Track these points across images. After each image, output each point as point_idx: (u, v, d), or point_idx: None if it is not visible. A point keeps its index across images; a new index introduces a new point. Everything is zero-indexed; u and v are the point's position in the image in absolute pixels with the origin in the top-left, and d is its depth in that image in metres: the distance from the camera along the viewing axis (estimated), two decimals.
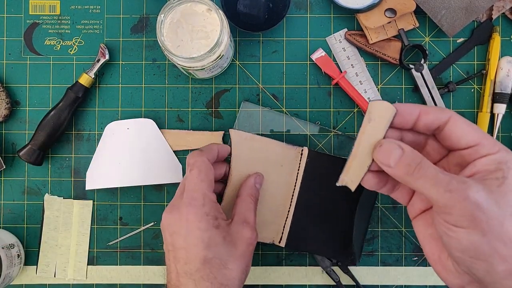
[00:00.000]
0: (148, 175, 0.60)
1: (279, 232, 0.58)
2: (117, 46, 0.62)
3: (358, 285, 0.60)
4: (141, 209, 0.62)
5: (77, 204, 0.62)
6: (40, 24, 0.62)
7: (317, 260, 0.60)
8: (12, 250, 0.58)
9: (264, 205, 0.57)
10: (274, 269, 0.61)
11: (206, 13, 0.53)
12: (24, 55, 0.62)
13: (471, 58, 0.62)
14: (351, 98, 0.60)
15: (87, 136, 0.62)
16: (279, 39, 0.62)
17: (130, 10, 0.62)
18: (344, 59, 0.61)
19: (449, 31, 0.60)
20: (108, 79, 0.62)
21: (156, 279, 0.62)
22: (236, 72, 0.62)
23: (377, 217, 0.61)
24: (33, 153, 0.59)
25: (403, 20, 0.60)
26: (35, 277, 0.62)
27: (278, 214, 0.57)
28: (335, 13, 0.62)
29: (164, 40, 0.53)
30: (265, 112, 0.61)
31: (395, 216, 0.61)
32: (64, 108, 0.59)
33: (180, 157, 0.61)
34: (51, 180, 0.62)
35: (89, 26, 0.62)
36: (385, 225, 0.61)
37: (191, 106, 0.62)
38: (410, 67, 0.60)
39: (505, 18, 0.61)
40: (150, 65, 0.62)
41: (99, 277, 0.62)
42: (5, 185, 0.62)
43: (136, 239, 0.62)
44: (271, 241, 0.58)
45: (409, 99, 0.61)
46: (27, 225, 0.62)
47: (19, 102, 0.62)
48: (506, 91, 0.59)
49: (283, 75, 0.62)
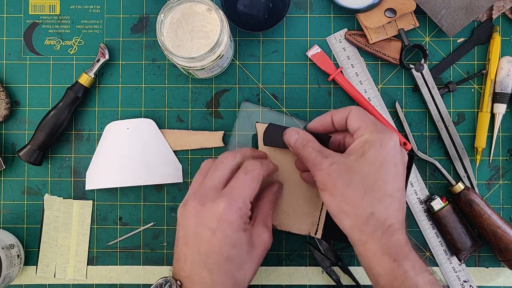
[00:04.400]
0: (148, 175, 0.60)
1: (314, 224, 0.58)
2: (117, 46, 0.62)
3: (358, 285, 0.60)
4: (141, 209, 0.62)
5: (77, 204, 0.62)
6: (40, 24, 0.62)
7: (317, 260, 0.60)
8: (12, 250, 0.58)
9: (301, 197, 0.57)
10: (274, 269, 0.61)
11: (206, 13, 0.53)
12: (24, 55, 0.62)
13: (471, 58, 0.62)
14: (350, 95, 0.60)
15: (87, 136, 0.62)
16: (279, 39, 0.62)
17: (130, 10, 0.62)
18: (344, 59, 0.61)
19: (449, 31, 0.60)
20: (108, 79, 0.62)
21: (155, 279, 0.61)
22: (236, 72, 0.62)
23: None
24: (33, 153, 0.59)
25: (403, 20, 0.60)
26: (35, 277, 0.62)
27: (314, 206, 0.57)
28: (335, 13, 0.62)
29: (164, 40, 0.53)
30: (265, 112, 0.61)
31: None
32: (64, 108, 0.59)
33: (180, 157, 0.61)
34: (51, 180, 0.62)
35: (89, 26, 0.62)
36: None
37: (191, 106, 0.62)
38: (410, 67, 0.60)
39: (505, 18, 0.61)
40: (150, 65, 0.62)
41: (99, 277, 0.62)
42: (5, 185, 0.62)
43: (136, 239, 0.62)
44: (307, 233, 0.58)
45: (409, 99, 0.61)
46: (27, 225, 0.62)
47: (19, 102, 0.62)
48: (506, 91, 0.59)
49: (283, 75, 0.62)
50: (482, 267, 0.61)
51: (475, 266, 0.61)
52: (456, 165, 0.60)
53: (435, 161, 0.60)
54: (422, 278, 0.45)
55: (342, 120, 0.51)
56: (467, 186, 0.59)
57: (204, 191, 0.48)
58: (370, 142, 0.47)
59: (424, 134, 0.61)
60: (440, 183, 0.61)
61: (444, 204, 0.59)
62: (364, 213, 0.46)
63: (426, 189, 0.61)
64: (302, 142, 0.50)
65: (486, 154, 0.61)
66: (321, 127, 0.54)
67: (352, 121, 0.50)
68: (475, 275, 0.61)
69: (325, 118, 0.53)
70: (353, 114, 0.50)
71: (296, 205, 0.56)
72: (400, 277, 0.44)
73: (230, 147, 0.61)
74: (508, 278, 0.61)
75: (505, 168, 0.61)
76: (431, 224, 0.61)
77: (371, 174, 0.46)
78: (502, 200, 0.61)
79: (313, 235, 0.58)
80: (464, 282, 0.60)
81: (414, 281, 0.44)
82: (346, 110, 0.51)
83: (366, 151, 0.47)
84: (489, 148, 0.61)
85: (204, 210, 0.47)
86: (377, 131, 0.48)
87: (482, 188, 0.61)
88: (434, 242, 0.61)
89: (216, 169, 0.50)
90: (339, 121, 0.51)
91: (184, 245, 0.48)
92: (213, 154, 0.62)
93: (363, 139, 0.48)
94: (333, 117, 0.52)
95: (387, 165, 0.47)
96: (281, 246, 0.61)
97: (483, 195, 0.61)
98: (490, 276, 0.61)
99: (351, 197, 0.46)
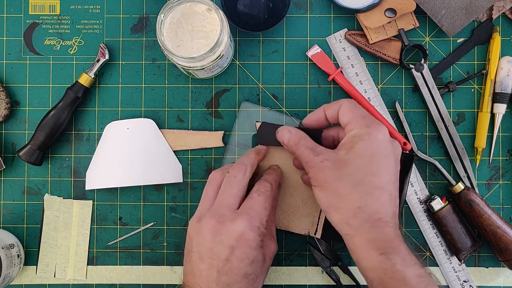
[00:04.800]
0: (148, 175, 0.60)
1: (314, 224, 0.58)
2: (117, 46, 0.62)
3: (358, 285, 0.60)
4: (141, 209, 0.62)
5: (77, 204, 0.62)
6: (40, 24, 0.62)
7: (317, 260, 0.60)
8: (12, 250, 0.58)
9: (301, 197, 0.57)
10: (274, 269, 0.61)
11: (206, 13, 0.53)
12: (24, 55, 0.62)
13: (471, 58, 0.61)
14: (350, 95, 0.60)
15: (87, 136, 0.62)
16: (279, 39, 0.62)
17: (130, 10, 0.62)
18: (344, 59, 0.61)
19: (449, 31, 0.60)
20: (108, 79, 0.62)
21: (155, 279, 0.62)
22: (236, 72, 0.62)
23: None
24: (33, 153, 0.59)
25: (403, 20, 0.60)
26: (35, 277, 0.62)
27: (314, 206, 0.57)
28: (335, 13, 0.62)
29: (164, 40, 0.53)
30: (265, 112, 0.61)
31: None
32: (64, 108, 0.59)
33: (180, 157, 0.61)
34: (51, 180, 0.62)
35: (89, 26, 0.62)
36: None
37: (191, 106, 0.62)
38: (410, 67, 0.60)
39: (505, 18, 0.61)
40: (150, 65, 0.62)
41: (99, 277, 0.62)
42: (5, 185, 0.62)
43: (135, 239, 0.62)
44: (306, 233, 0.58)
45: (409, 99, 0.61)
46: (27, 225, 0.62)
47: (19, 102, 0.62)
48: (506, 91, 0.59)
49: (283, 75, 0.62)
50: (482, 267, 0.61)
51: (475, 266, 0.61)
52: (456, 165, 0.60)
53: (435, 161, 0.60)
54: (411, 271, 0.44)
55: (334, 114, 0.51)
56: (467, 186, 0.59)
57: (221, 209, 0.49)
58: (359, 137, 0.47)
59: (424, 134, 0.61)
60: (440, 183, 0.61)
61: (444, 204, 0.59)
62: (352, 206, 0.46)
63: (426, 189, 0.61)
64: (294, 140, 0.51)
65: (486, 154, 0.61)
66: (315, 122, 0.54)
67: (342, 115, 0.50)
68: (475, 275, 0.61)
69: (318, 113, 0.53)
70: (343, 108, 0.50)
71: (296, 205, 0.56)
72: (387, 270, 0.44)
73: (230, 147, 0.61)
74: (508, 278, 0.61)
75: (505, 168, 0.61)
76: (431, 224, 0.61)
77: (361, 168, 0.47)
78: (502, 200, 0.61)
79: (313, 235, 0.58)
80: (464, 282, 0.60)
81: (402, 274, 0.44)
82: (337, 104, 0.51)
83: (355, 145, 0.47)
84: (489, 148, 0.61)
85: (223, 228, 0.47)
86: (366, 125, 0.48)
87: (482, 188, 0.61)
88: (434, 242, 0.61)
89: (230, 185, 0.50)
90: (331, 115, 0.52)
91: (199, 260, 0.48)
92: (213, 154, 0.62)
93: (352, 134, 0.48)
94: (325, 111, 0.52)
95: (376, 158, 0.47)
96: (281, 246, 0.61)
97: (483, 195, 0.61)
98: (490, 276, 0.61)
99: (341, 192, 0.47)
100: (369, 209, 0.46)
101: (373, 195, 0.46)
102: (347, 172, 0.47)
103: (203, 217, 0.49)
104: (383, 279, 0.45)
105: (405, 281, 0.44)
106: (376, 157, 0.47)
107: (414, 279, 0.44)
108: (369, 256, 0.46)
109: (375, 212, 0.46)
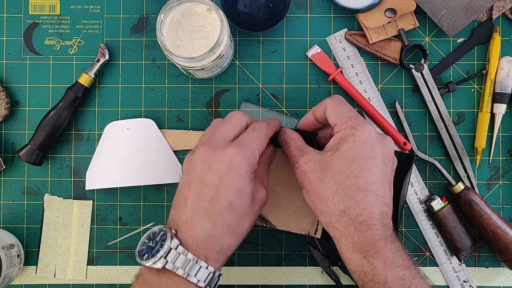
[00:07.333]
0: (148, 175, 0.60)
1: (314, 224, 0.58)
2: (117, 46, 0.62)
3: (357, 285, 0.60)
4: (141, 209, 0.62)
5: (77, 204, 0.62)
6: (40, 24, 0.62)
7: (317, 260, 0.60)
8: (12, 250, 0.58)
9: (301, 197, 0.57)
10: (274, 269, 0.61)
11: (206, 13, 0.53)
12: (24, 55, 0.62)
13: (471, 58, 0.62)
14: (349, 95, 0.60)
15: (87, 136, 0.62)
16: (279, 39, 0.62)
17: (130, 10, 0.62)
18: (344, 59, 0.61)
19: (449, 31, 0.60)
20: (108, 79, 0.62)
21: None
22: (236, 72, 0.62)
23: None
24: (32, 153, 0.59)
25: (403, 20, 0.60)
26: (35, 277, 0.62)
27: None
28: (335, 13, 0.62)
29: (164, 40, 0.53)
30: (265, 112, 0.61)
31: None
32: (64, 108, 0.59)
33: (180, 157, 0.61)
34: (51, 180, 0.62)
35: (89, 26, 0.62)
36: None
37: (191, 106, 0.62)
38: (410, 67, 0.60)
39: (505, 18, 0.61)
40: (150, 65, 0.62)
41: (99, 277, 0.62)
42: (4, 185, 0.62)
43: (135, 239, 0.62)
44: (306, 233, 0.57)
45: (409, 99, 0.61)
46: (27, 225, 0.62)
47: (19, 102, 0.62)
48: (506, 91, 0.59)
49: (283, 75, 0.62)
50: (482, 267, 0.61)
51: (475, 266, 0.61)
52: (456, 165, 0.60)
53: (435, 161, 0.60)
54: (392, 274, 0.44)
55: (323, 115, 0.51)
56: (467, 186, 0.59)
57: (214, 140, 0.48)
58: (344, 138, 0.47)
59: (424, 134, 0.61)
60: (440, 183, 0.61)
61: (444, 204, 0.59)
62: (335, 210, 0.46)
63: (426, 189, 0.61)
64: (286, 140, 0.51)
65: (486, 154, 0.61)
66: (307, 126, 0.54)
67: (329, 117, 0.50)
68: (475, 275, 0.61)
69: (308, 117, 0.53)
70: (328, 109, 0.50)
71: (296, 205, 0.56)
72: (368, 274, 0.44)
73: None
74: (508, 278, 0.61)
75: (505, 168, 0.61)
76: (431, 224, 0.61)
77: (343, 169, 0.46)
78: (502, 200, 0.61)
79: (312, 235, 0.58)
80: (464, 282, 0.60)
81: (383, 277, 0.44)
82: (323, 105, 0.51)
83: (340, 147, 0.47)
84: (489, 148, 0.61)
85: (213, 154, 0.47)
86: (351, 127, 0.47)
87: (482, 188, 0.61)
88: (434, 242, 0.61)
89: (227, 121, 0.50)
90: (321, 116, 0.51)
91: (186, 189, 0.47)
92: None
93: (339, 136, 0.48)
94: (314, 114, 0.52)
95: (359, 159, 0.46)
96: (281, 246, 0.61)
97: (483, 195, 0.61)
98: (490, 276, 0.61)
99: (323, 195, 0.47)
100: (351, 213, 0.45)
101: (356, 197, 0.45)
102: (329, 174, 0.46)
103: (197, 148, 0.48)
104: (364, 282, 0.45)
105: (385, 284, 0.43)
106: (360, 158, 0.46)
107: (395, 282, 0.43)
108: (353, 259, 0.45)
109: (358, 215, 0.45)
